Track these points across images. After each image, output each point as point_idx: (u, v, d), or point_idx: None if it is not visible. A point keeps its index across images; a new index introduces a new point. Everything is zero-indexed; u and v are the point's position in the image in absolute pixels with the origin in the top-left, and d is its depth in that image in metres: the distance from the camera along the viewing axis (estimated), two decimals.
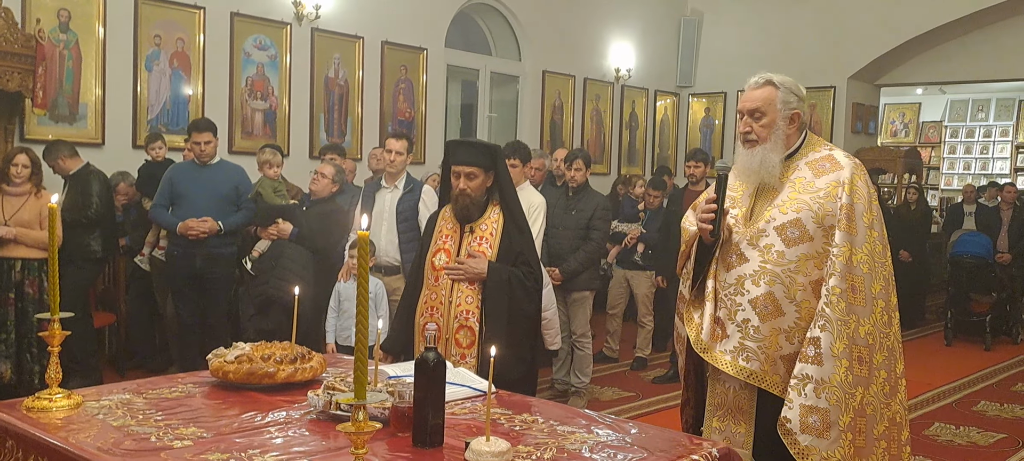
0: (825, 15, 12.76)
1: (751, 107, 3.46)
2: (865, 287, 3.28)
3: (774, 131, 3.43)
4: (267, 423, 2.78)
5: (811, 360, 3.23)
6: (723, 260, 3.51)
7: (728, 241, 3.49)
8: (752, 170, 3.47)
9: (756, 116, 3.45)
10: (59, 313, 2.90)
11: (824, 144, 3.55)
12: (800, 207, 3.37)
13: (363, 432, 1.96)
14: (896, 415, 3.46)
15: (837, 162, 3.42)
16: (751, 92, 3.49)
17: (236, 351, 3.21)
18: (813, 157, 3.47)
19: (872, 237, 3.33)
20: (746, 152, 3.48)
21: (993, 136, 16.56)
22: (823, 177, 3.40)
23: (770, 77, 3.48)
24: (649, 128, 13.81)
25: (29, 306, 6.46)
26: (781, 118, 3.44)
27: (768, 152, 3.43)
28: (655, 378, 8.08)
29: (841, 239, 3.27)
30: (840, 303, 3.22)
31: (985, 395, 8.00)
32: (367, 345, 1.96)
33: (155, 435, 2.60)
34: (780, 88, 3.45)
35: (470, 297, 4.40)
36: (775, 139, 3.43)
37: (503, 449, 2.46)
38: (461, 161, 4.40)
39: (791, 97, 3.45)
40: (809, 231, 3.33)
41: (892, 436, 3.44)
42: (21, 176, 6.47)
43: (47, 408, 2.80)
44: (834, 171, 3.39)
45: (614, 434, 2.81)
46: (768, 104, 3.43)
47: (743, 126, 3.49)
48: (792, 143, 3.50)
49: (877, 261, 3.34)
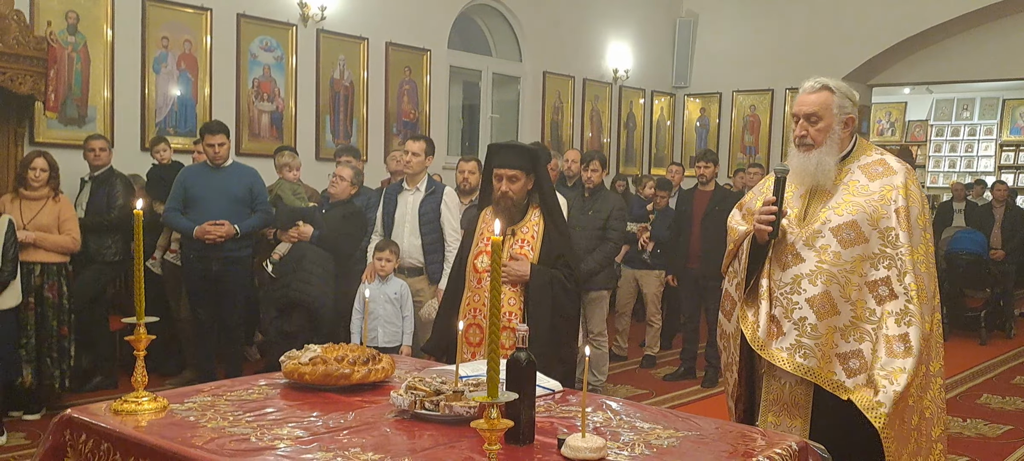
0: (818, 16, 12.96)
1: (807, 111, 3.53)
2: (926, 286, 3.38)
3: (830, 135, 3.50)
4: (357, 423, 2.83)
5: (901, 355, 3.31)
6: (778, 260, 3.59)
7: (782, 241, 3.57)
8: (808, 173, 3.54)
9: (812, 120, 3.51)
10: (144, 317, 2.94)
11: (874, 148, 3.64)
12: (855, 209, 3.45)
13: (496, 429, 2.03)
14: (925, 410, 3.55)
15: (890, 167, 3.51)
16: (806, 96, 3.55)
17: (309, 353, 3.26)
18: (865, 161, 3.56)
19: (926, 239, 3.43)
20: (802, 155, 3.54)
21: (978, 134, 16.82)
22: (877, 181, 3.48)
23: (826, 82, 3.54)
24: (646, 128, 13.93)
25: (49, 310, 6.46)
26: (837, 122, 3.51)
27: (824, 156, 3.50)
28: (666, 376, 8.19)
29: (905, 239, 3.36)
30: (919, 299, 3.33)
31: (987, 389, 8.17)
32: (499, 350, 2.02)
33: (254, 435, 2.65)
34: (836, 93, 3.52)
35: (512, 299, 4.47)
36: (830, 143, 3.51)
37: (599, 445, 2.53)
38: (504, 164, 4.46)
39: (846, 102, 3.53)
40: (864, 233, 3.42)
41: (923, 431, 3.54)
42: (39, 180, 6.46)
43: (135, 411, 2.84)
44: (888, 175, 3.47)
45: (692, 430, 2.88)
46: (824, 108, 3.50)
47: (799, 130, 3.55)
48: (845, 147, 3.57)
49: (931, 262, 3.44)
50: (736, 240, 3.76)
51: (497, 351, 2.02)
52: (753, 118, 13.66)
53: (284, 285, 6.63)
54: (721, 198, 7.85)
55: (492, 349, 2.02)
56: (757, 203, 3.67)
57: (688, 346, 8.19)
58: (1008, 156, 16.61)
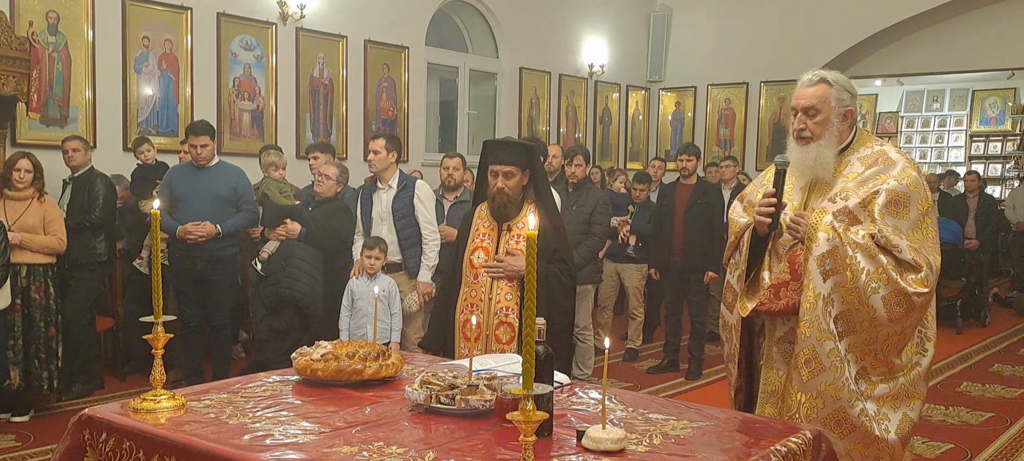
0: (792, 10, 13.11)
1: (805, 105, 3.58)
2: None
3: (828, 128, 3.56)
4: (374, 418, 2.87)
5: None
6: (776, 252, 3.65)
7: (781, 234, 3.63)
8: (806, 166, 3.60)
9: (810, 113, 3.57)
10: (162, 316, 2.96)
11: (875, 140, 3.68)
12: (848, 195, 3.51)
13: (532, 421, 2.07)
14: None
15: (889, 157, 3.55)
16: (804, 89, 3.61)
17: (320, 350, 3.29)
18: (865, 153, 3.60)
19: (925, 224, 3.48)
20: (800, 148, 3.60)
21: (948, 125, 17.06)
22: (872, 169, 3.54)
23: (824, 75, 3.60)
24: (622, 123, 14.01)
25: (36, 312, 6.42)
26: (835, 115, 3.56)
27: (822, 149, 3.56)
28: (649, 368, 8.27)
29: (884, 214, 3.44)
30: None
31: (966, 376, 8.30)
32: (535, 344, 2.07)
33: (277, 430, 2.68)
34: (834, 86, 3.57)
35: (509, 294, 4.52)
36: (829, 136, 3.56)
37: (619, 436, 2.58)
38: (500, 160, 4.50)
39: (845, 94, 3.58)
40: (857, 216, 3.46)
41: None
42: (24, 181, 6.42)
43: (155, 409, 2.85)
44: (886, 165, 3.52)
45: (706, 420, 2.93)
46: (822, 101, 3.56)
47: (797, 123, 3.60)
48: (844, 139, 3.62)
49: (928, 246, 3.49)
50: (737, 232, 3.81)
51: (532, 345, 2.06)
52: (728, 111, 13.78)
53: (273, 283, 6.65)
54: (703, 191, 7.92)
55: (528, 343, 2.06)
56: (758, 195, 3.73)
57: (671, 339, 8.26)
58: (978, 146, 16.87)
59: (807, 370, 3.46)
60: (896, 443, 3.48)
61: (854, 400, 3.43)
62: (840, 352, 3.43)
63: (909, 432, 3.55)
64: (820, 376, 3.44)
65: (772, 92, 13.43)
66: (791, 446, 2.71)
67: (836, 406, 3.43)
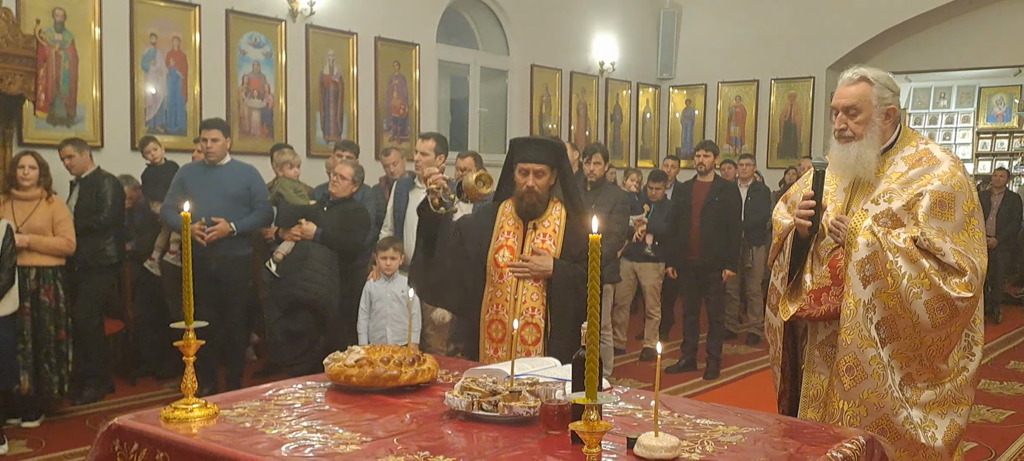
0: (801, 7, 13.05)
1: (846, 104, 3.49)
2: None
3: (870, 127, 3.46)
4: (415, 426, 2.77)
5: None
6: (818, 255, 3.56)
7: (823, 236, 3.54)
8: (848, 166, 3.50)
9: (851, 113, 3.47)
10: (194, 322, 2.86)
11: (920, 138, 3.58)
12: (891, 197, 3.42)
13: (597, 431, 1.98)
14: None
15: (933, 156, 3.45)
16: (845, 88, 3.51)
17: (354, 355, 3.20)
18: (909, 152, 3.50)
19: (971, 225, 3.38)
20: (842, 148, 3.50)
21: (955, 122, 16.95)
22: (917, 168, 3.44)
23: (864, 73, 3.50)
24: (632, 120, 13.92)
25: (46, 315, 6.34)
26: (877, 114, 3.46)
27: (864, 148, 3.46)
28: (668, 368, 8.17)
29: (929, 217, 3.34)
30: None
31: (984, 374, 8.19)
32: (598, 349, 1.97)
33: (318, 440, 2.58)
34: (875, 84, 3.47)
35: (535, 294, 4.42)
36: (871, 135, 3.46)
37: (673, 444, 2.48)
38: (530, 159, 4.40)
39: (886, 92, 3.48)
40: (901, 219, 3.38)
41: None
42: (29, 178, 6.32)
43: (187, 419, 2.76)
44: (930, 165, 3.42)
45: (755, 425, 2.84)
46: (863, 100, 3.46)
47: (838, 123, 3.51)
48: (887, 138, 3.52)
49: (974, 248, 3.39)
50: (780, 234, 3.72)
51: (596, 350, 1.97)
52: (739, 109, 13.69)
53: (289, 284, 6.54)
54: (720, 189, 7.84)
55: (591, 348, 1.97)
56: (799, 197, 3.64)
57: (689, 338, 8.18)
58: (985, 143, 16.76)
59: (849, 377, 3.37)
60: (943, 450, 3.39)
61: (898, 408, 3.34)
62: (882, 359, 3.34)
63: (957, 439, 3.45)
64: (862, 384, 3.35)
65: (782, 89, 13.35)
66: (846, 451, 2.62)
67: (879, 414, 3.34)
